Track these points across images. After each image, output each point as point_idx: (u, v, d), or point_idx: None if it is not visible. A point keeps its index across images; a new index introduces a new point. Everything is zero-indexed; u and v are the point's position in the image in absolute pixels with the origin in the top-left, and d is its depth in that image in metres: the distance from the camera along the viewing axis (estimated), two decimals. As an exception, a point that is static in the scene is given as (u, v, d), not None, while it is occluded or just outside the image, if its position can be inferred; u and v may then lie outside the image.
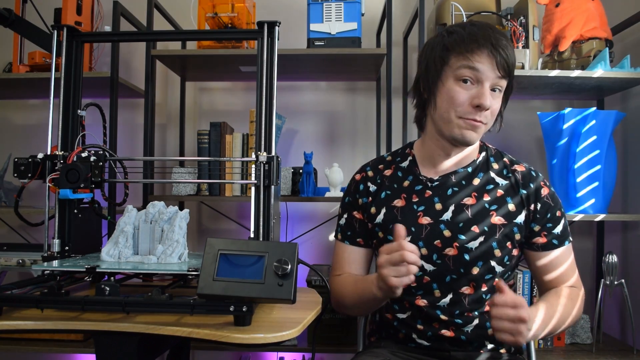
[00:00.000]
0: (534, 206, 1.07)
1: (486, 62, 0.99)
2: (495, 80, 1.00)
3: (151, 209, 1.09)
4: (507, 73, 1.00)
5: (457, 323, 1.05)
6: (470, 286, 1.05)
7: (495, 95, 1.02)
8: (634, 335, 1.69)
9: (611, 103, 1.96)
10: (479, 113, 1.00)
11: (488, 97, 0.99)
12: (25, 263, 1.58)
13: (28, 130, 2.15)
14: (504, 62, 0.99)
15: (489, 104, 0.99)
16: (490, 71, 0.99)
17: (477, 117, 1.00)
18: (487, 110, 1.00)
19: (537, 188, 1.08)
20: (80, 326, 0.89)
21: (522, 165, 1.11)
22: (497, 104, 1.03)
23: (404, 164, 1.17)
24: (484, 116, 1.01)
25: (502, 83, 1.02)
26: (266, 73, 1.06)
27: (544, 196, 1.07)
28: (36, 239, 2.08)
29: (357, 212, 1.17)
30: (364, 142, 2.09)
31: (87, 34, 1.45)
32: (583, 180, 1.65)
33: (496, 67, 0.99)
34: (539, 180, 1.09)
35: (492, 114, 1.03)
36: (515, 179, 1.09)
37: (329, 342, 1.68)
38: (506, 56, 0.99)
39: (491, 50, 0.98)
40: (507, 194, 1.08)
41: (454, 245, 1.05)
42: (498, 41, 0.99)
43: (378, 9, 2.03)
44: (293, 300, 0.87)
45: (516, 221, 1.06)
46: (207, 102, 2.14)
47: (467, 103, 1.00)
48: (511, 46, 1.01)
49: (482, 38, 0.99)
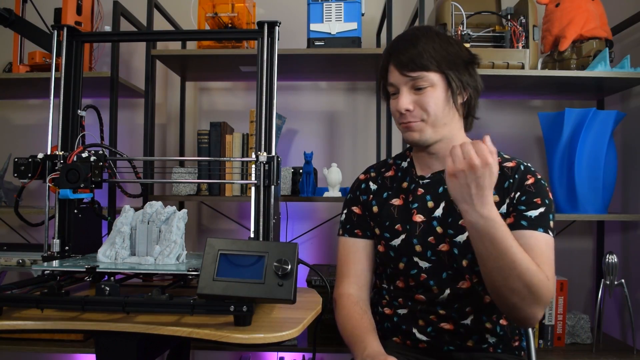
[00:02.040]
0: (514, 194, 1.06)
1: (394, 72, 1.08)
2: (407, 81, 1.06)
3: (148, 209, 1.09)
4: (414, 69, 1.04)
5: (456, 317, 1.07)
6: (466, 280, 1.06)
7: (422, 92, 1.06)
8: (634, 335, 1.69)
9: (611, 103, 1.96)
10: (405, 115, 1.07)
11: (402, 99, 1.07)
12: (25, 263, 1.58)
13: (28, 130, 2.15)
14: (404, 62, 1.05)
15: (404, 106, 1.06)
16: (399, 77, 1.07)
17: (403, 120, 1.08)
18: (411, 110, 1.06)
19: (521, 178, 1.07)
20: (80, 326, 0.89)
21: (514, 161, 1.11)
22: (427, 98, 1.05)
23: (403, 165, 1.20)
24: (412, 116, 1.07)
25: (422, 79, 1.05)
26: (266, 73, 1.06)
27: (527, 185, 1.06)
28: (36, 239, 2.08)
29: (356, 208, 1.20)
30: (364, 142, 2.10)
31: (87, 34, 1.45)
32: (583, 180, 1.65)
33: (398, 71, 1.06)
34: (526, 172, 1.08)
35: (424, 109, 1.06)
36: (503, 173, 1.08)
37: (329, 342, 1.68)
38: (407, 56, 1.05)
39: (390, 60, 1.08)
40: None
41: (446, 240, 1.07)
42: (394, 48, 1.08)
43: (378, 9, 2.03)
44: (293, 300, 0.87)
45: (500, 211, 1.05)
46: (207, 102, 2.14)
47: (395, 111, 1.10)
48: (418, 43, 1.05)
49: (385, 54, 1.11)
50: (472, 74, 1.09)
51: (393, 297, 1.14)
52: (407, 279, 1.11)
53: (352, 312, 1.09)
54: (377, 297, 1.20)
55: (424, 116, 1.06)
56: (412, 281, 1.10)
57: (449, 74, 1.05)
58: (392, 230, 1.12)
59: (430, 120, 1.06)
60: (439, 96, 1.05)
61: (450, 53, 1.06)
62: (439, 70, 1.05)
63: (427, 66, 1.04)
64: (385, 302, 1.16)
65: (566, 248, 2.00)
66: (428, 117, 1.06)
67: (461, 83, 1.07)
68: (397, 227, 1.11)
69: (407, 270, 1.10)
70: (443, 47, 1.05)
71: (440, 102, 1.06)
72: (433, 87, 1.05)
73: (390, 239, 1.12)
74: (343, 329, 1.08)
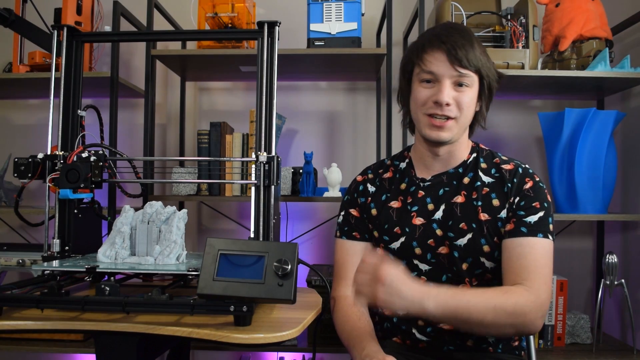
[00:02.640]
0: (513, 199, 1.06)
1: (439, 60, 1.03)
2: (454, 75, 1.03)
3: (148, 209, 1.09)
4: (467, 67, 1.03)
5: None
6: (466, 283, 1.06)
7: (462, 89, 1.05)
8: (634, 335, 1.69)
9: (611, 103, 1.96)
10: (441, 108, 1.04)
11: (445, 92, 1.03)
12: (25, 263, 1.58)
13: (28, 130, 2.15)
14: (460, 56, 1.02)
15: (446, 99, 1.03)
16: (445, 68, 1.03)
17: (438, 112, 1.04)
18: (450, 105, 1.04)
19: (520, 182, 1.07)
20: (80, 326, 0.89)
21: (512, 163, 1.11)
22: (466, 98, 1.05)
23: (401, 166, 1.19)
24: (448, 110, 1.04)
25: (468, 78, 1.04)
26: (266, 73, 1.06)
27: (526, 189, 1.06)
28: (36, 239, 2.08)
29: (354, 210, 1.19)
30: (364, 142, 2.09)
31: (87, 34, 1.45)
32: (583, 180, 1.65)
33: (450, 62, 1.02)
34: (525, 175, 1.08)
35: (460, 108, 1.05)
36: (502, 177, 1.09)
37: (329, 342, 1.67)
38: (464, 52, 1.02)
39: (441, 48, 1.03)
40: (492, 191, 1.08)
41: (445, 243, 1.07)
42: (449, 37, 1.03)
43: (378, 9, 2.03)
44: (293, 300, 0.87)
45: (500, 216, 1.06)
46: (207, 102, 2.14)
47: (429, 100, 1.05)
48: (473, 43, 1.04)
49: (433, 39, 1.05)
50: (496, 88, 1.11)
51: None
52: None
53: (350, 314, 1.09)
54: None
55: (458, 114, 1.05)
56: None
57: (486, 80, 1.06)
58: (391, 233, 1.12)
59: (461, 120, 1.06)
60: (474, 97, 1.07)
61: (491, 63, 1.08)
62: (480, 74, 1.06)
63: (476, 68, 1.04)
64: None
65: (566, 248, 2.00)
66: (460, 116, 1.06)
67: (490, 92, 1.09)
68: (396, 229, 1.11)
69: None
70: (486, 56, 1.07)
71: (473, 104, 1.07)
72: (471, 87, 1.05)
73: (389, 241, 1.12)
74: (341, 332, 1.08)
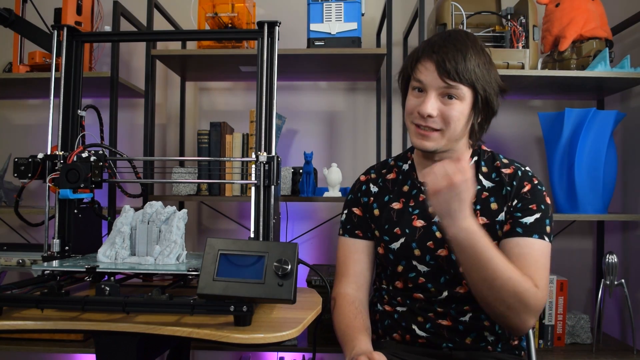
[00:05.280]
0: (511, 202, 1.06)
1: (429, 71, 1.03)
2: (442, 87, 1.02)
3: (148, 209, 1.09)
4: (455, 79, 1.00)
5: (454, 314, 1.08)
6: (463, 285, 1.07)
7: (451, 102, 1.03)
8: (634, 335, 1.69)
9: (611, 103, 1.96)
10: (425, 119, 1.04)
11: (429, 104, 1.02)
12: (25, 263, 1.58)
13: (28, 130, 2.15)
14: (448, 68, 1.00)
15: (429, 110, 1.02)
16: (433, 78, 1.02)
17: (421, 123, 1.05)
18: (433, 117, 1.03)
19: (519, 185, 1.07)
20: (80, 326, 0.89)
21: (512, 167, 1.11)
22: (453, 111, 1.02)
23: (404, 168, 1.20)
24: (431, 122, 1.04)
25: (457, 90, 1.02)
26: (266, 73, 1.06)
27: (524, 192, 1.06)
28: (36, 239, 2.08)
29: (356, 209, 1.20)
30: (364, 142, 2.10)
31: (87, 34, 1.45)
32: (583, 180, 1.65)
33: (438, 73, 1.01)
34: (524, 178, 1.08)
35: (446, 121, 1.03)
36: (502, 181, 1.09)
37: (329, 342, 1.67)
38: (453, 63, 1.00)
39: (432, 58, 1.02)
40: (491, 195, 1.09)
41: (445, 245, 1.07)
42: (442, 48, 1.02)
43: (378, 9, 2.03)
44: (293, 300, 0.87)
45: (498, 219, 1.06)
46: (207, 102, 2.14)
47: (415, 110, 1.06)
48: (468, 55, 1.01)
49: (427, 48, 1.05)
50: (498, 100, 1.08)
51: (392, 296, 1.15)
52: (405, 281, 1.12)
53: (347, 311, 1.10)
54: (377, 296, 1.20)
55: (443, 127, 1.04)
56: (411, 283, 1.11)
57: (480, 94, 1.04)
58: (391, 234, 1.12)
59: (448, 133, 1.05)
60: (464, 111, 1.04)
61: (491, 76, 1.05)
62: (474, 88, 1.03)
63: (468, 81, 1.01)
64: (385, 300, 1.16)
65: (566, 248, 2.00)
66: (447, 129, 1.04)
67: (487, 106, 1.06)
68: (396, 230, 1.12)
69: (406, 273, 1.11)
70: (487, 68, 1.04)
71: (463, 118, 1.04)
72: (461, 100, 1.03)
73: (389, 242, 1.12)
74: (337, 328, 1.09)
